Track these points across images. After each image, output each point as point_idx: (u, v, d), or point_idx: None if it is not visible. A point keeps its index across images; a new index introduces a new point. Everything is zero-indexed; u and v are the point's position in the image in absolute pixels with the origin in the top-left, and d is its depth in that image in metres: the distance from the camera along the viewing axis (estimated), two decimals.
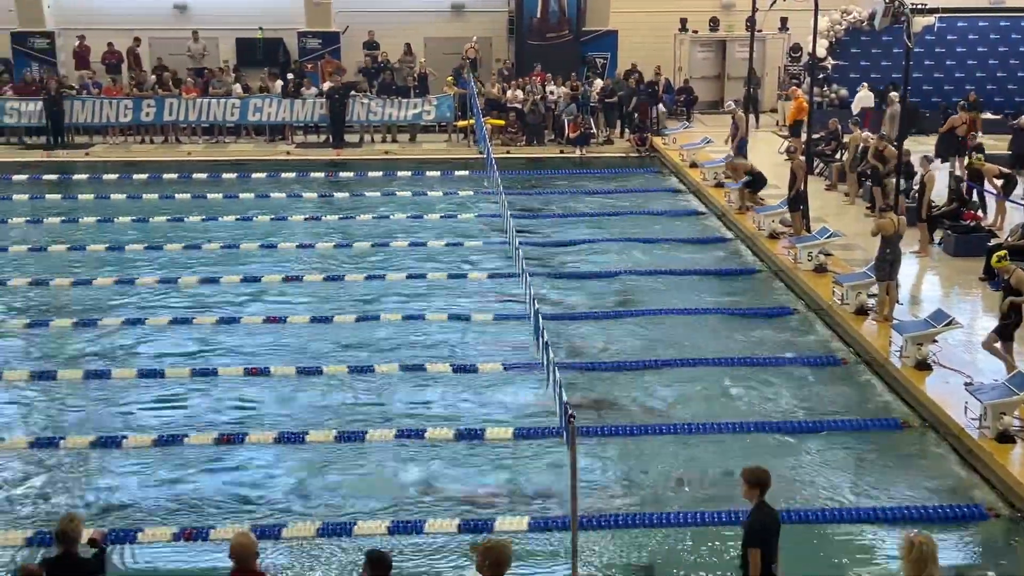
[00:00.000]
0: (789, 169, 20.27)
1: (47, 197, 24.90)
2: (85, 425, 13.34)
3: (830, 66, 30.98)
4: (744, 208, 21.75)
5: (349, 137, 29.37)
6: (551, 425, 12.62)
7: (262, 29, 31.84)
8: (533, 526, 10.90)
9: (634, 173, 27.29)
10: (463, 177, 26.20)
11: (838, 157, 24.55)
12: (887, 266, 15.47)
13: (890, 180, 19.30)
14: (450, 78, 30.06)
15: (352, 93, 29.23)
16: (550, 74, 30.14)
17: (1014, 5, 32.41)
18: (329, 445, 12.68)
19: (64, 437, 12.86)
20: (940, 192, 20.19)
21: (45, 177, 26.43)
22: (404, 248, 20.61)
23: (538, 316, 13.58)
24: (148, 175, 26.33)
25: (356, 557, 10.05)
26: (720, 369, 14.81)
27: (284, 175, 26.52)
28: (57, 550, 7.97)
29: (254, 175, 26.41)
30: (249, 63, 31.51)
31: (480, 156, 26.47)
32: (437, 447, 12.65)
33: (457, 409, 13.80)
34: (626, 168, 27.71)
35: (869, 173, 21.77)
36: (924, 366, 13.83)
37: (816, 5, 22.11)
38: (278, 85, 29.65)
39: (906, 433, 13.05)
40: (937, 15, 29.30)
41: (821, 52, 28.54)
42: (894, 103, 25.60)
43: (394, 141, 29.68)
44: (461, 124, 29.41)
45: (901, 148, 18.07)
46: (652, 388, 14.32)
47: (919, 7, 17.55)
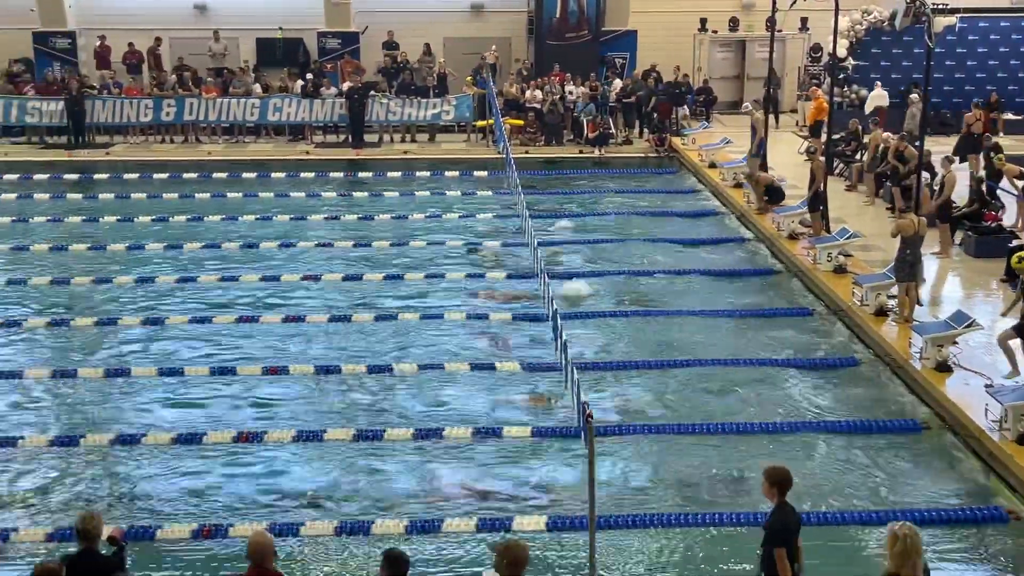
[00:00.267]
0: (809, 169, 20.21)
1: (68, 196, 25.06)
2: (105, 423, 13.41)
3: (850, 66, 30.85)
4: (763, 209, 21.67)
5: (368, 137, 29.41)
6: (569, 424, 12.63)
7: (282, 29, 31.96)
8: (551, 525, 10.90)
9: (653, 173, 27.26)
10: (482, 177, 26.21)
11: (858, 158, 24.46)
12: (907, 267, 15.39)
13: (911, 180, 19.21)
14: (469, 78, 30.11)
15: (371, 93, 29.28)
16: (569, 74, 30.14)
17: None
18: (347, 444, 12.70)
19: (84, 435, 12.92)
20: (961, 193, 20.08)
21: (66, 176, 26.57)
22: (422, 247, 20.64)
23: (556, 316, 13.57)
24: (168, 175, 26.44)
25: (373, 552, 10.07)
26: (738, 369, 14.76)
27: (303, 175, 26.60)
28: (77, 547, 8.02)
29: (273, 175, 26.49)
30: (269, 63, 31.62)
31: (499, 156, 26.49)
32: (455, 446, 12.66)
33: (475, 408, 13.80)
34: (645, 168, 27.69)
35: (889, 174, 21.66)
36: (944, 368, 13.76)
37: (837, 5, 22.01)
38: (298, 85, 29.75)
39: (926, 435, 12.99)
40: (958, 15, 29.29)
41: (841, 52, 28.40)
42: (915, 103, 25.53)
43: (413, 141, 29.73)
44: (480, 124, 29.45)
45: (922, 148, 17.98)
46: (669, 388, 14.28)
47: (940, 7, 17.47)
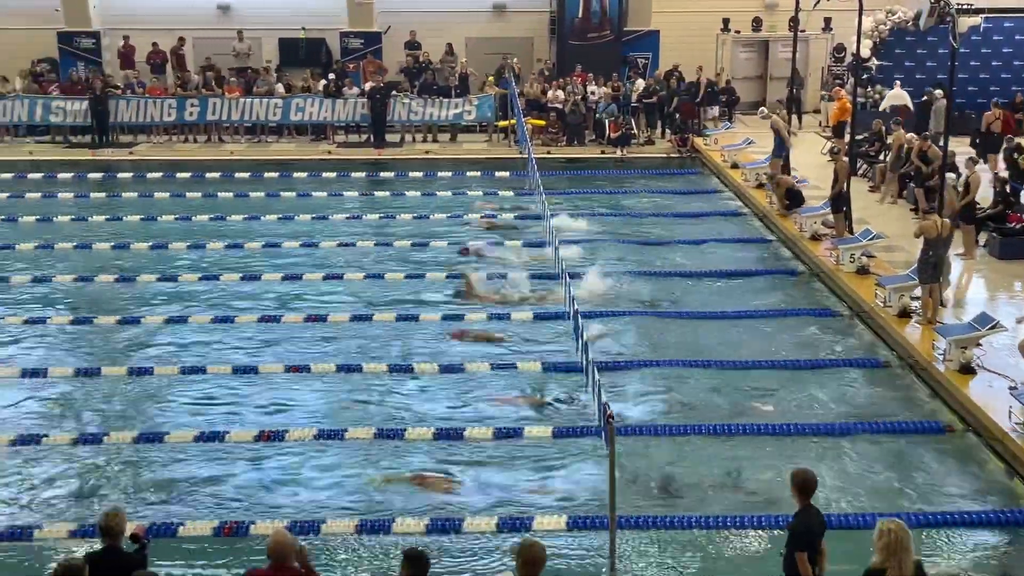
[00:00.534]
0: (832, 170, 20.11)
1: (92, 196, 25.19)
2: (128, 421, 13.48)
3: (874, 67, 30.69)
4: (784, 213, 21.58)
5: (390, 137, 29.45)
6: (590, 425, 12.62)
7: (305, 29, 32.03)
8: (571, 525, 10.89)
9: (675, 174, 27.20)
10: (503, 177, 26.21)
11: (881, 158, 24.33)
12: (930, 268, 15.32)
13: (934, 181, 19.10)
14: (491, 78, 30.10)
15: (393, 93, 29.32)
16: (591, 74, 30.10)
17: None
18: (368, 442, 12.72)
19: (107, 433, 13.00)
20: (985, 194, 19.95)
21: (90, 176, 26.72)
22: (444, 247, 20.66)
23: (577, 316, 13.55)
24: (191, 174, 26.53)
25: (394, 551, 10.09)
26: (760, 371, 14.72)
27: (325, 175, 26.63)
28: (100, 544, 8.07)
29: (296, 174, 26.55)
30: (291, 63, 31.70)
31: (521, 156, 26.47)
32: (477, 446, 12.66)
33: (495, 408, 13.78)
34: (667, 169, 27.63)
35: (913, 174, 21.54)
36: (968, 370, 13.67)
37: (860, 5, 21.89)
38: (320, 85, 29.81)
39: (949, 437, 12.92)
40: (983, 15, 29.03)
41: (865, 52, 28.26)
42: (938, 100, 25.38)
43: (435, 141, 29.75)
44: (502, 124, 29.45)
45: (946, 149, 17.88)
46: (691, 388, 14.25)
47: (965, 7, 17.30)
